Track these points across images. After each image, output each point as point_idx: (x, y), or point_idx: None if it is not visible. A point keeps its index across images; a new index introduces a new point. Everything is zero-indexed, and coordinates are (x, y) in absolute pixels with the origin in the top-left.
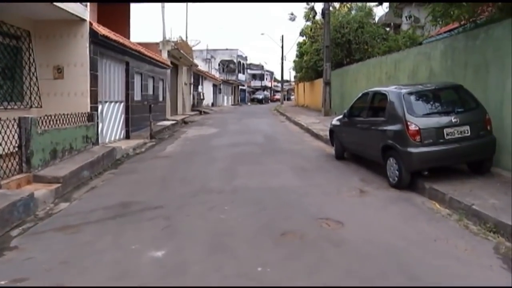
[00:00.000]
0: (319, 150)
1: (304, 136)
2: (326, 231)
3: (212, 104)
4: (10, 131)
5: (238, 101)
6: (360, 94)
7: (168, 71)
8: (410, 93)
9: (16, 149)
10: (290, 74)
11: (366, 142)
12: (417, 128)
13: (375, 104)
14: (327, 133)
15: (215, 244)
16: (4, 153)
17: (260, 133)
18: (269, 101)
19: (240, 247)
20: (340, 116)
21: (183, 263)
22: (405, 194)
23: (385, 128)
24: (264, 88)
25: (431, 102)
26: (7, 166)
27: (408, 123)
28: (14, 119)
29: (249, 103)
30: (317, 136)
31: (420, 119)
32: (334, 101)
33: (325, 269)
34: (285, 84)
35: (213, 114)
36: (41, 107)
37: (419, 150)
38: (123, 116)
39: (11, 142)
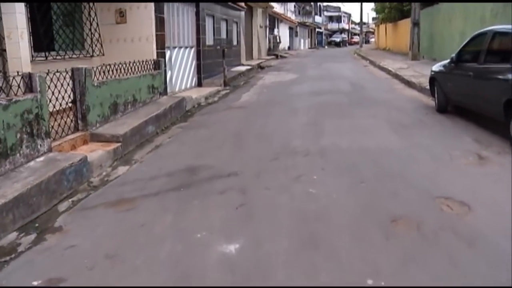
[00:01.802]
0: (414, 100)
1: (393, 83)
2: (450, 218)
3: (289, 48)
4: (62, 85)
5: (315, 44)
6: (473, 35)
7: (242, 13)
8: None
9: (71, 104)
10: (368, 16)
11: (481, 94)
12: None
13: (495, 47)
14: (421, 80)
15: (305, 234)
16: (55, 110)
17: (344, 79)
18: (347, 44)
19: (339, 240)
20: (445, 62)
21: (262, 266)
22: None
23: (510, 77)
24: (342, 30)
25: None
26: (59, 124)
27: None
28: (65, 70)
29: (326, 47)
30: (408, 84)
31: None
32: (422, 44)
33: None
34: (363, 26)
35: (290, 58)
36: (103, 55)
37: None
38: (194, 62)
39: (62, 97)
